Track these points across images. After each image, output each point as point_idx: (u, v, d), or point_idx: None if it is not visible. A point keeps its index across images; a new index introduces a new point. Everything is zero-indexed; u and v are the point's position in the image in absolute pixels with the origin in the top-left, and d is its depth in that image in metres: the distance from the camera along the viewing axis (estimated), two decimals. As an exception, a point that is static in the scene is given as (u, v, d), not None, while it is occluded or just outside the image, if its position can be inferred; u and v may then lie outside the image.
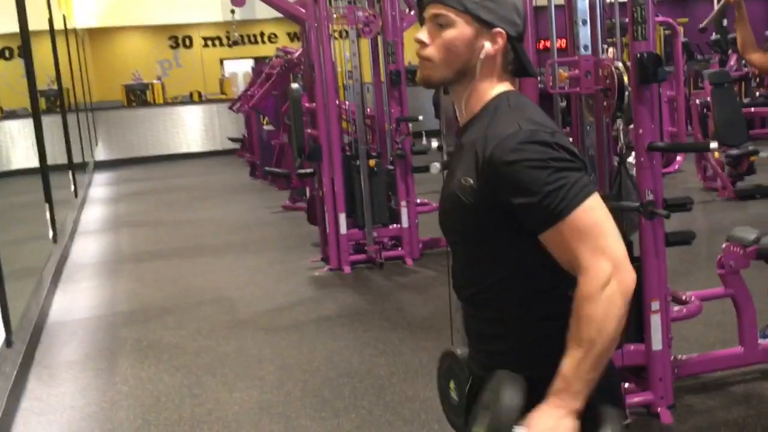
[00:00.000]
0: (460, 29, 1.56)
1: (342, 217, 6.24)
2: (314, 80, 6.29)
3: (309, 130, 6.63)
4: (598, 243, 1.44)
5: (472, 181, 1.53)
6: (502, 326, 1.60)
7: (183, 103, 16.24)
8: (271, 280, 6.27)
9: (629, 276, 1.44)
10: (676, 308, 3.62)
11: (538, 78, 3.69)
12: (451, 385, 1.73)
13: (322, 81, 6.18)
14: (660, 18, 7.20)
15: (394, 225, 6.47)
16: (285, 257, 6.97)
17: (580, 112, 3.61)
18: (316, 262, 6.54)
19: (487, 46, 1.56)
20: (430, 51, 1.59)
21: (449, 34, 1.56)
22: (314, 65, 6.25)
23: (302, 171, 6.71)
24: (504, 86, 1.60)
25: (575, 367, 1.43)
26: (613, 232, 1.46)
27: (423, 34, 1.59)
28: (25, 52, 7.16)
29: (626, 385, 3.45)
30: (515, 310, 1.58)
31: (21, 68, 7.95)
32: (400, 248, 6.49)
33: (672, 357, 3.47)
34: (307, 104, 6.66)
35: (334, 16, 6.33)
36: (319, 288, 5.98)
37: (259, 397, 4.01)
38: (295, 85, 6.94)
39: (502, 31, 1.56)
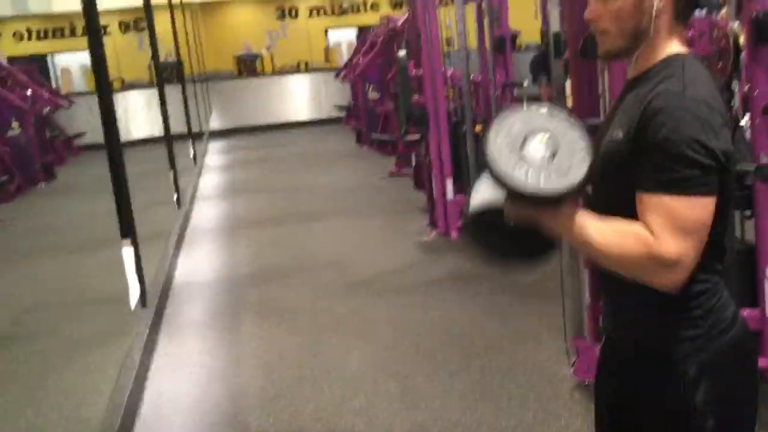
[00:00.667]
0: None
1: (449, 183, 6.33)
2: (420, 47, 6.37)
3: (416, 97, 6.73)
4: (682, 229, 1.42)
5: (621, 134, 1.51)
6: (635, 289, 1.55)
7: (290, 72, 16.59)
8: (381, 245, 6.45)
9: (673, 278, 1.44)
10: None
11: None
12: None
13: (428, 48, 6.25)
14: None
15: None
16: (393, 222, 7.12)
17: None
18: (424, 227, 6.67)
19: (656, 2, 1.52)
20: (603, 24, 1.57)
21: (614, 3, 1.54)
22: (420, 32, 6.33)
23: (409, 137, 6.82)
24: (678, 44, 1.57)
25: (585, 227, 1.47)
26: (701, 235, 1.45)
27: (590, 11, 1.59)
28: (149, 26, 7.50)
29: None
30: None
31: (136, 41, 8.31)
32: (507, 213, 6.51)
33: (788, 322, 3.43)
34: (413, 71, 6.75)
35: (441, -18, 6.38)
36: (428, 252, 6.11)
37: (375, 358, 4.18)
38: (401, 53, 7.03)
39: None
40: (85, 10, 4.00)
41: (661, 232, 1.43)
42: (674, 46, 1.58)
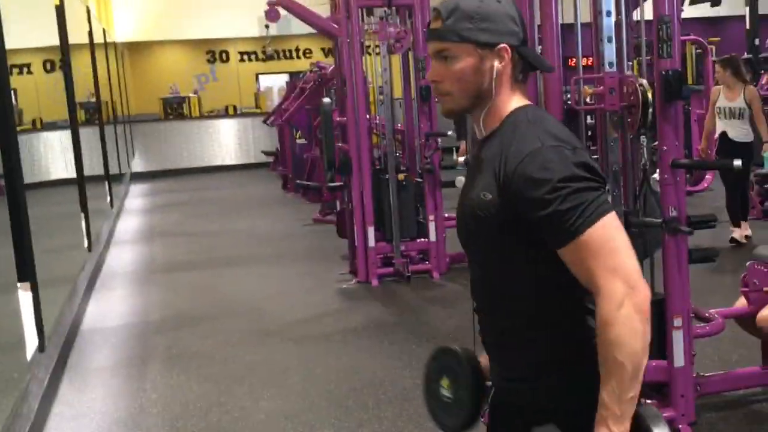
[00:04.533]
0: (464, 59, 1.58)
1: (370, 231, 6.30)
2: (345, 95, 6.39)
3: (340, 144, 6.72)
4: (611, 261, 1.47)
5: (491, 196, 1.55)
6: (516, 340, 1.63)
7: (218, 116, 16.48)
8: (300, 292, 6.35)
9: (642, 293, 1.47)
10: (700, 325, 3.62)
11: (564, 95, 3.72)
12: (444, 382, 1.79)
13: (353, 95, 6.27)
14: (691, 37, 7.19)
15: (422, 239, 6.52)
16: (314, 269, 7.05)
17: (605, 128, 3.64)
18: (345, 275, 6.61)
19: (497, 64, 1.58)
20: (445, 86, 1.61)
21: (456, 66, 1.58)
22: (345, 80, 6.35)
23: (332, 184, 6.79)
24: (519, 98, 1.62)
25: (612, 392, 1.45)
26: (627, 249, 1.49)
27: (433, 73, 1.62)
28: (65, 65, 7.35)
29: (647, 401, 3.45)
30: (528, 325, 1.60)
31: (62, 81, 8.11)
32: (427, 262, 6.53)
33: (695, 374, 3.47)
34: (338, 118, 6.76)
35: (366, 31, 6.43)
36: (347, 300, 6.05)
37: (285, 406, 4.08)
38: (326, 100, 7.04)
39: (505, 45, 1.58)
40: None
41: (597, 279, 1.47)
42: (516, 101, 1.63)
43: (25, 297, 4.07)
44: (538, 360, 1.60)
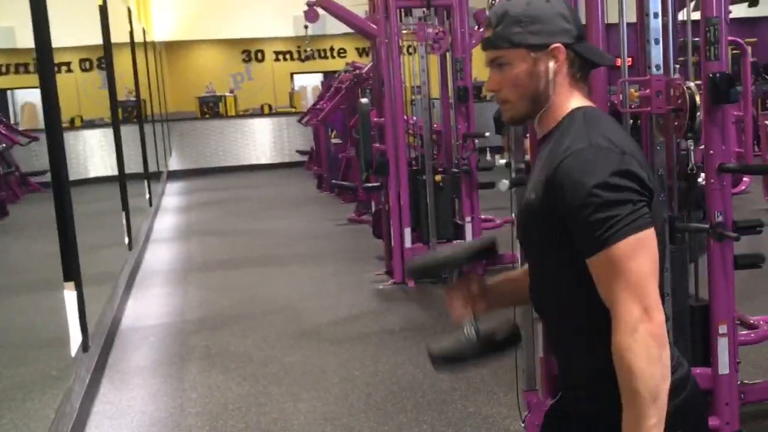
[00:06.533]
0: (518, 64, 1.57)
1: (407, 231, 6.29)
2: (383, 95, 6.38)
3: (377, 145, 6.72)
4: (632, 282, 1.42)
5: (534, 196, 1.55)
6: (571, 346, 1.62)
7: (254, 115, 16.59)
8: (336, 292, 6.36)
9: (657, 318, 1.43)
10: (744, 332, 3.56)
11: (608, 96, 3.67)
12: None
13: (391, 96, 6.26)
14: (729, 38, 7.02)
15: (459, 240, 6.49)
16: (350, 269, 7.05)
17: (651, 131, 3.58)
18: (381, 276, 6.61)
19: (551, 65, 1.56)
20: (504, 93, 1.61)
21: (510, 72, 1.58)
22: (383, 80, 6.34)
23: (369, 185, 6.79)
24: (578, 99, 1.60)
25: (632, 420, 1.42)
26: (651, 272, 1.44)
27: (491, 82, 1.62)
28: (108, 64, 7.41)
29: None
30: (579, 332, 1.59)
31: (99, 79, 8.18)
32: (464, 264, 6.49)
33: (739, 382, 3.41)
34: (375, 118, 6.76)
35: (404, 32, 6.42)
36: (383, 301, 6.04)
37: (323, 408, 4.08)
38: (364, 100, 7.05)
39: (558, 45, 1.56)
40: (38, 45, 3.92)
41: (615, 298, 1.43)
42: (575, 101, 1.61)
43: (69, 296, 4.11)
44: (592, 367, 1.57)
